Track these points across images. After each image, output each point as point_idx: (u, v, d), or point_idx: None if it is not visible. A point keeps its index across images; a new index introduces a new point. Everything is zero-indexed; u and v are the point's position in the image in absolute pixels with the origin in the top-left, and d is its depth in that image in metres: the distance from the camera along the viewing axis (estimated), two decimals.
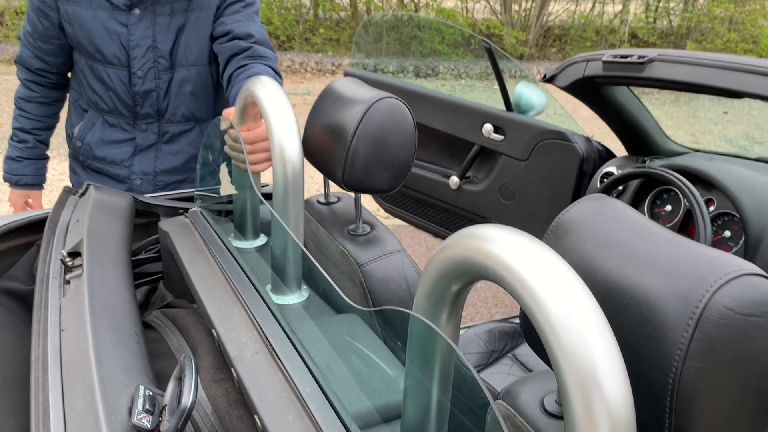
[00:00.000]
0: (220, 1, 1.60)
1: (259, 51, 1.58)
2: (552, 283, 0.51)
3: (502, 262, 0.54)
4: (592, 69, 1.71)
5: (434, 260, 0.63)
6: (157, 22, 1.56)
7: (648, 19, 10.01)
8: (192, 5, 1.57)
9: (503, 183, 2.40)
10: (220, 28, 1.60)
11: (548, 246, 0.56)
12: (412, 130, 1.18)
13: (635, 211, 0.68)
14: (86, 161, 1.73)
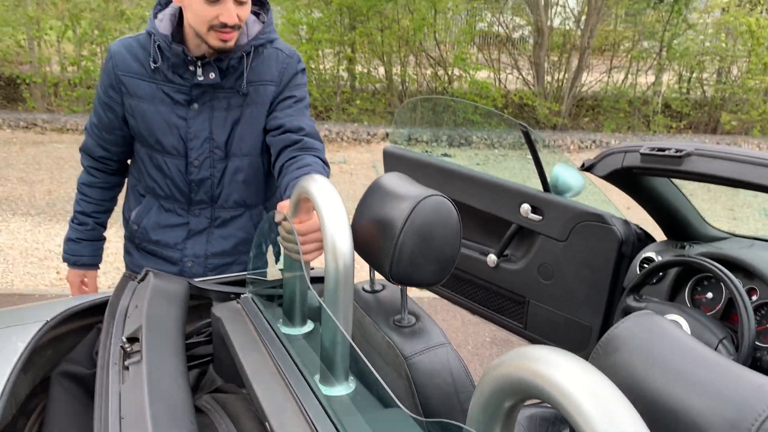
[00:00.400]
0: (273, 96, 1.69)
1: (309, 143, 1.66)
2: (605, 411, 0.54)
3: (559, 386, 0.57)
4: (630, 160, 1.75)
5: (490, 375, 0.66)
6: (214, 116, 1.66)
7: (681, 90, 10.08)
8: (247, 101, 1.67)
9: (542, 263, 2.42)
10: (273, 122, 1.69)
11: (600, 371, 0.59)
12: (457, 226, 1.22)
13: (683, 331, 0.70)
14: (141, 243, 1.82)
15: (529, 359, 0.62)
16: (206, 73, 1.61)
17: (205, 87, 1.63)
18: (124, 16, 8.53)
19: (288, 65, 1.71)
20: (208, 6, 1.49)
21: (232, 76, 1.64)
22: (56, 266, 4.13)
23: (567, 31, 9.85)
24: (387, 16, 8.89)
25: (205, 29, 1.53)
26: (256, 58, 1.67)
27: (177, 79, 1.63)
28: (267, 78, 1.68)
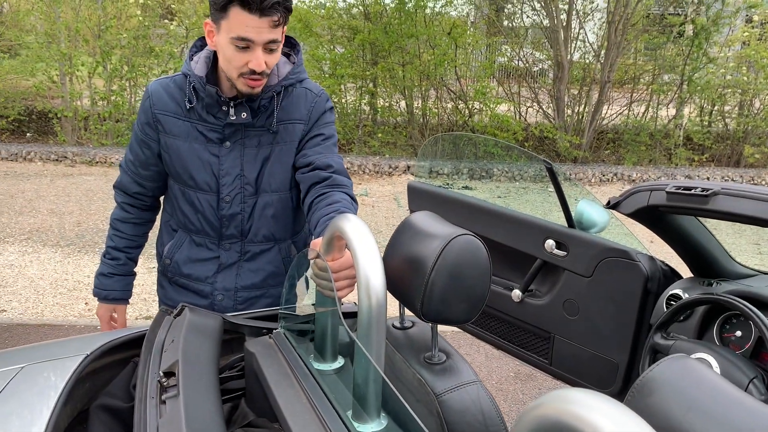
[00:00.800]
0: (302, 134, 1.74)
1: (338, 180, 1.69)
2: None
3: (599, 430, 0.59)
4: (656, 199, 1.77)
5: (527, 417, 0.68)
6: (245, 153, 1.70)
7: (702, 123, 10.06)
8: (277, 139, 1.72)
9: (567, 298, 2.42)
10: (303, 160, 1.73)
11: (639, 416, 0.61)
12: (487, 264, 1.25)
13: (717, 374, 0.72)
14: (174, 277, 1.85)
15: (568, 402, 0.64)
16: (238, 113, 1.65)
17: (237, 126, 1.68)
18: (153, 53, 8.77)
19: (317, 104, 1.75)
20: (239, 53, 1.53)
21: (263, 115, 1.69)
22: (84, 297, 4.20)
23: (587, 64, 9.92)
24: (408, 52, 9.04)
25: (235, 75, 1.57)
26: (285, 97, 1.71)
27: (210, 118, 1.68)
28: (296, 117, 1.72)
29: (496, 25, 10.51)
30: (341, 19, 9.38)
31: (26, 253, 4.97)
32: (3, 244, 5.14)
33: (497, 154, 8.84)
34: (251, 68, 1.54)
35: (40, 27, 9.29)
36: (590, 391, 0.64)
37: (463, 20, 10.24)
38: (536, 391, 3.25)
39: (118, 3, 8.83)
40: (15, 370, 1.25)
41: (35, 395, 1.17)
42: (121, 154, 8.32)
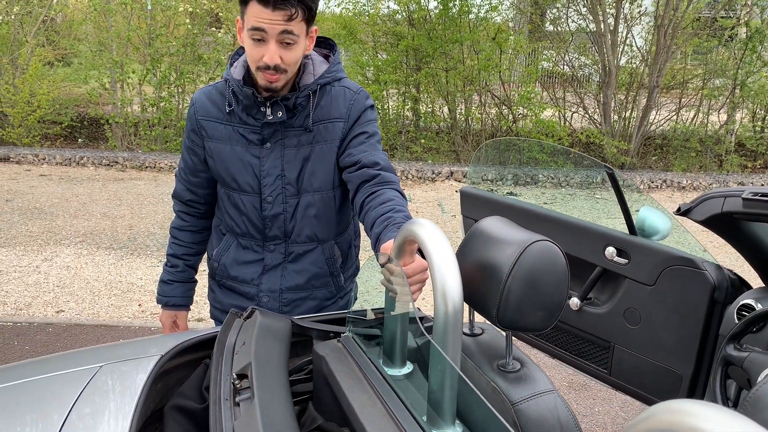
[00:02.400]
0: (343, 134, 1.73)
1: (386, 177, 1.69)
2: None
3: None
4: (731, 205, 1.71)
5: (636, 429, 0.66)
6: (285, 153, 1.72)
7: (755, 129, 9.77)
8: (316, 138, 1.72)
9: (628, 307, 2.36)
10: (349, 159, 1.72)
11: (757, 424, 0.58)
12: (565, 271, 1.22)
13: None
14: (222, 280, 1.88)
15: (682, 413, 0.62)
16: (275, 112, 1.67)
17: (275, 126, 1.70)
18: (201, 60, 8.94)
19: (356, 101, 1.75)
20: (255, 46, 1.55)
21: (300, 115, 1.70)
22: (138, 299, 4.29)
23: (634, 69, 9.74)
24: (452, 57, 9.01)
25: (254, 68, 1.60)
26: (324, 96, 1.72)
27: (250, 120, 1.70)
28: (335, 115, 1.72)
29: (540, 29, 10.40)
30: (385, 25, 9.41)
31: (81, 255, 5.10)
32: (60, 246, 5.30)
33: (553, 159, 8.74)
34: (266, 61, 1.56)
35: (92, 36, 9.57)
36: (704, 402, 0.62)
37: (507, 25, 10.16)
38: (591, 401, 3.18)
39: (168, 12, 9.03)
40: (94, 369, 1.28)
41: (117, 394, 1.20)
42: (169, 160, 8.51)
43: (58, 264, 4.88)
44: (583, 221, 2.53)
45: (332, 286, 1.89)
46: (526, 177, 8.39)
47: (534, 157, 8.79)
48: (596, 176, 8.40)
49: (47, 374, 1.29)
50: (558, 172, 8.55)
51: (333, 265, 1.87)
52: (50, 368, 1.31)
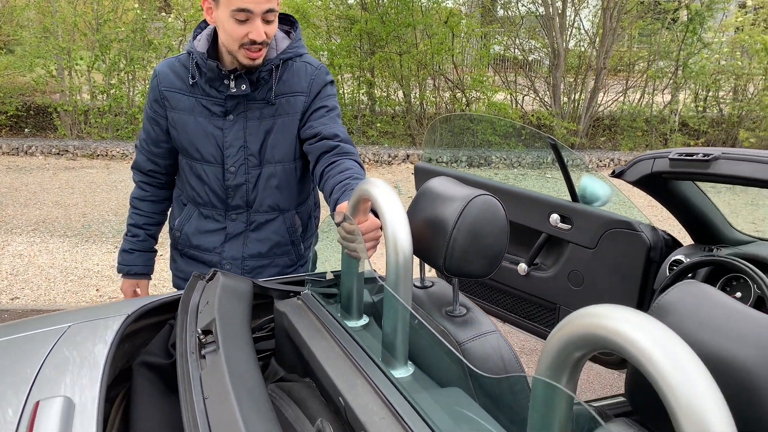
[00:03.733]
0: (305, 107, 1.80)
1: (345, 148, 1.77)
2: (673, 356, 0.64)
3: (625, 335, 0.67)
4: (660, 166, 1.85)
5: (561, 331, 0.76)
6: (248, 125, 1.78)
7: (698, 108, 10.15)
8: (279, 111, 1.78)
9: (572, 270, 2.50)
10: (309, 131, 1.79)
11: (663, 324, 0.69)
12: (505, 222, 1.33)
13: (723, 293, 0.80)
14: (184, 249, 1.94)
15: (593, 316, 0.73)
16: (238, 85, 1.73)
17: (238, 99, 1.76)
18: (152, 46, 8.80)
19: (317, 77, 1.81)
20: (239, 25, 1.61)
21: (263, 88, 1.76)
22: (96, 284, 4.28)
23: (582, 52, 9.99)
24: (406, 41, 9.09)
25: (236, 47, 1.65)
26: (286, 71, 1.78)
27: (213, 92, 1.76)
28: (297, 89, 1.78)
29: (491, 13, 10.56)
30: (338, 9, 9.42)
31: (34, 243, 5.03)
32: (11, 235, 5.21)
33: (502, 134, 8.93)
34: (251, 39, 1.62)
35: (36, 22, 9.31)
36: (614, 305, 0.73)
37: (459, 9, 10.28)
38: None
39: None
40: (62, 328, 1.33)
41: (86, 350, 1.25)
42: (122, 147, 8.38)
43: (11, 252, 4.81)
44: (530, 191, 2.66)
45: (293, 254, 1.96)
46: (475, 151, 8.56)
47: (485, 134, 8.97)
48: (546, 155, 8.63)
49: (15, 335, 1.33)
50: (507, 148, 8.75)
51: (294, 233, 1.94)
52: (18, 330, 1.36)
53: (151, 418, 1.23)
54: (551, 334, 0.79)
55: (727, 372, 0.71)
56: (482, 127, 9.01)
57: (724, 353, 0.71)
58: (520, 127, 9.03)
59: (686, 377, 0.62)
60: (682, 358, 0.63)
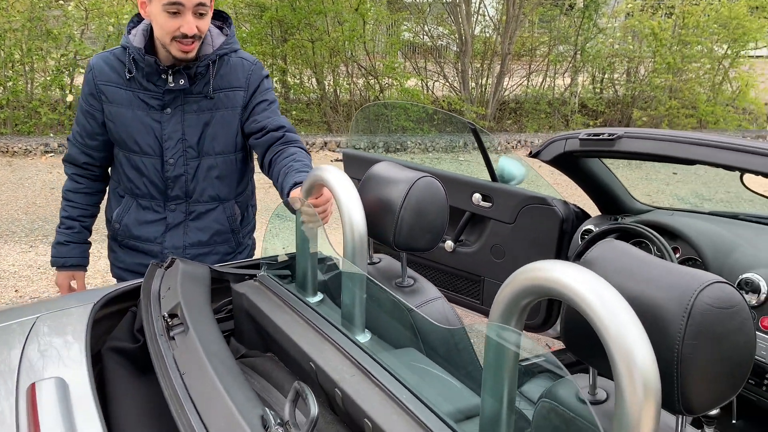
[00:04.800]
0: (244, 102, 1.89)
1: (290, 137, 1.88)
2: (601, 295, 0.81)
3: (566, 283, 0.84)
4: (571, 145, 2.07)
5: (509, 286, 0.92)
6: (186, 118, 1.84)
7: (595, 90, 10.80)
8: (217, 105, 1.86)
9: (494, 244, 2.72)
10: (255, 126, 1.89)
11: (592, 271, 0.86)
12: (445, 201, 1.50)
13: (635, 248, 0.99)
14: (123, 240, 1.98)
15: (533, 270, 0.90)
16: (176, 79, 1.79)
17: (176, 92, 1.81)
18: (51, 36, 8.40)
19: (254, 72, 1.90)
20: (170, 19, 1.67)
21: (200, 82, 1.83)
22: (14, 285, 4.14)
23: (487, 38, 10.38)
24: (318, 28, 9.13)
25: (168, 40, 1.71)
26: (222, 66, 1.85)
27: (151, 86, 1.81)
28: (235, 84, 1.87)
29: (400, 0, 10.75)
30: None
31: None
32: None
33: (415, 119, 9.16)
34: (183, 32, 1.68)
35: None
36: (552, 260, 0.90)
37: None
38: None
39: None
40: (31, 320, 1.38)
41: (62, 339, 1.31)
42: (24, 143, 7.98)
43: None
44: (453, 173, 2.85)
45: (233, 242, 2.04)
46: (399, 137, 8.78)
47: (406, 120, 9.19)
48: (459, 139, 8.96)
49: None
50: (422, 133, 9.02)
51: (234, 222, 2.01)
52: None
53: (127, 396, 1.32)
54: (502, 287, 0.95)
55: (642, 309, 0.89)
56: (396, 113, 9.21)
57: (640, 294, 0.89)
58: (443, 113, 9.31)
59: (615, 314, 0.79)
60: (611, 299, 0.81)
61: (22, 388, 1.09)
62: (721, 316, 0.84)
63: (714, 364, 0.85)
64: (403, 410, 1.06)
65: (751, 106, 10.46)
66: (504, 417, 0.99)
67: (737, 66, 10.32)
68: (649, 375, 0.77)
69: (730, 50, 10.19)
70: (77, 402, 1.05)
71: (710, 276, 0.87)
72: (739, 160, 1.64)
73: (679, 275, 0.89)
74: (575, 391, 1.06)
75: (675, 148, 1.76)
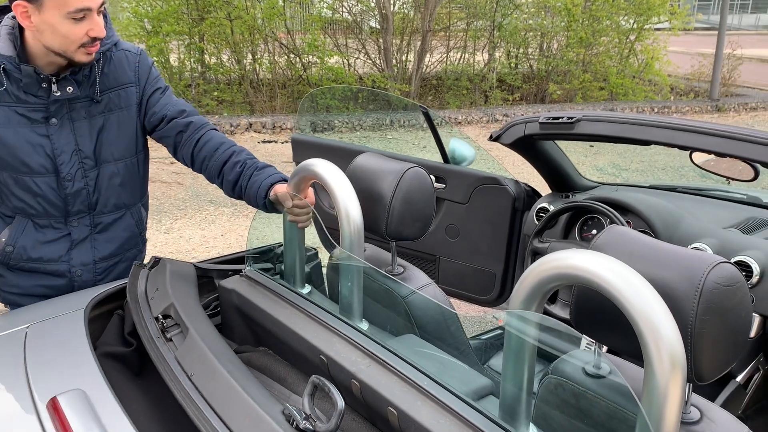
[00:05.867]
0: (139, 98, 1.75)
1: (198, 121, 1.78)
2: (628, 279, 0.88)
3: (590, 269, 0.91)
4: (531, 129, 2.17)
5: (532, 274, 0.99)
6: (76, 127, 1.66)
7: (511, 66, 11.11)
8: (108, 106, 1.70)
9: (448, 224, 2.80)
10: (154, 118, 1.76)
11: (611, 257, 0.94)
12: (432, 190, 1.54)
13: (639, 233, 1.08)
14: (19, 263, 1.75)
15: (553, 260, 0.96)
16: (63, 87, 1.60)
17: (62, 101, 1.62)
18: None
19: (140, 63, 1.75)
20: (77, 25, 1.50)
21: (85, 86, 1.65)
22: None
23: (406, 15, 10.44)
24: (236, 6, 8.89)
25: (74, 48, 1.53)
26: (106, 64, 1.68)
27: (30, 98, 1.60)
28: (124, 81, 1.72)
29: None
30: None
31: None
32: None
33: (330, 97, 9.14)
34: (93, 36, 1.53)
35: None
36: (571, 249, 0.96)
37: None
38: None
39: None
40: (21, 330, 1.33)
41: (63, 346, 1.28)
42: None
43: None
44: (405, 156, 2.90)
45: (140, 245, 1.92)
46: (348, 121, 8.75)
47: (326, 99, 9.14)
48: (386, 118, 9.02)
49: None
50: (377, 114, 9.05)
51: (141, 225, 1.90)
52: None
53: (134, 401, 1.30)
54: (524, 276, 1.01)
55: (656, 289, 0.97)
56: (320, 93, 9.15)
57: (652, 275, 0.98)
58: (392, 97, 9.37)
59: (642, 296, 0.87)
60: (637, 283, 0.88)
61: (39, 402, 1.06)
62: (727, 293, 0.94)
63: (721, 335, 0.95)
64: (426, 395, 1.11)
65: (657, 78, 11.06)
66: (524, 397, 1.06)
67: (642, 40, 10.87)
68: (675, 349, 0.86)
69: (636, 24, 10.71)
70: (102, 410, 1.04)
71: (715, 257, 0.96)
72: (691, 140, 1.77)
73: (686, 258, 0.98)
74: (581, 366, 1.14)
75: (632, 129, 1.89)
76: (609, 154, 7.37)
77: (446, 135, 2.81)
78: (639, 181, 6.43)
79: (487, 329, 3.20)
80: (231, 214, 5.36)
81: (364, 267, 1.42)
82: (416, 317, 1.50)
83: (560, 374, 1.15)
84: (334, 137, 8.25)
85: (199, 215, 5.34)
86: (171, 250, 4.56)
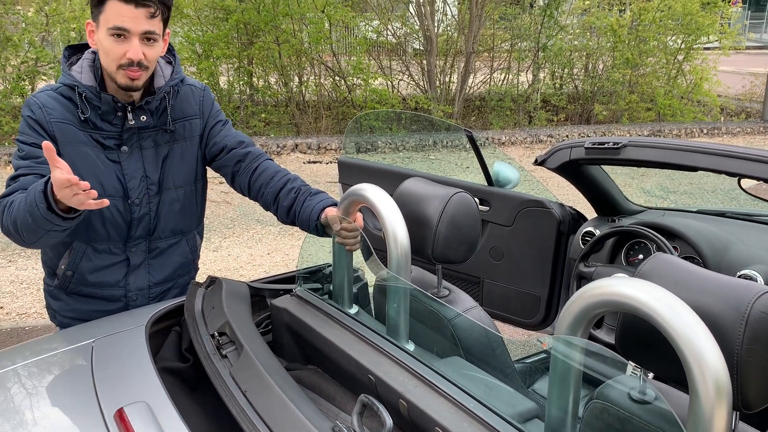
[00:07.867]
0: (201, 129, 1.86)
1: (255, 151, 1.90)
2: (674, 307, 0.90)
3: (636, 297, 0.93)
4: (576, 153, 2.19)
5: (578, 300, 1.01)
6: (144, 155, 1.76)
7: (556, 86, 11.06)
8: (175, 137, 1.81)
9: (492, 246, 2.82)
10: (215, 148, 1.87)
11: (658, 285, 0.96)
12: (477, 214, 1.58)
13: (685, 261, 1.09)
14: (77, 288, 1.81)
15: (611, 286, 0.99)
16: (137, 116, 1.71)
17: (134, 130, 1.72)
18: (10, 42, 8.19)
19: (204, 97, 1.88)
20: (116, 44, 1.58)
21: (156, 115, 1.76)
22: None
23: (450, 36, 10.52)
24: (284, 31, 9.12)
25: (114, 67, 1.61)
26: (174, 96, 1.80)
27: (106, 125, 1.70)
28: (190, 113, 1.83)
29: (365, 0, 10.81)
30: None
31: None
32: None
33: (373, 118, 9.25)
34: (129, 58, 1.59)
35: None
36: (616, 276, 0.99)
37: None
38: None
39: None
40: (88, 345, 1.41)
41: (127, 360, 1.35)
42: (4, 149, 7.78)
43: None
44: (449, 178, 2.94)
45: (192, 272, 1.99)
46: (395, 144, 8.87)
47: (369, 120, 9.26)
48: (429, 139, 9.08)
49: (38, 357, 1.40)
50: (423, 136, 9.15)
51: (195, 252, 1.97)
52: (38, 352, 1.42)
53: (192, 414, 1.36)
54: (570, 301, 1.03)
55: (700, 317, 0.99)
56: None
57: (698, 303, 0.99)
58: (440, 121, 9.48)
59: (688, 324, 0.89)
60: (683, 311, 0.90)
61: (107, 413, 1.13)
62: None
63: (767, 364, 0.95)
64: (473, 417, 1.14)
65: (706, 99, 10.86)
66: (569, 421, 1.08)
67: (691, 60, 10.70)
68: (720, 377, 0.87)
69: (684, 44, 10.56)
70: (165, 422, 1.10)
71: (761, 286, 0.97)
72: (739, 167, 1.77)
73: (732, 286, 0.99)
74: (626, 392, 1.15)
75: (679, 156, 1.89)
76: (657, 176, 7.26)
77: (490, 157, 2.83)
78: (687, 204, 6.31)
79: (531, 353, 3.19)
80: (277, 233, 5.47)
81: (410, 289, 1.46)
82: (462, 339, 1.53)
83: (605, 399, 1.16)
84: (377, 158, 8.35)
85: (246, 234, 5.47)
86: (220, 268, 4.69)
